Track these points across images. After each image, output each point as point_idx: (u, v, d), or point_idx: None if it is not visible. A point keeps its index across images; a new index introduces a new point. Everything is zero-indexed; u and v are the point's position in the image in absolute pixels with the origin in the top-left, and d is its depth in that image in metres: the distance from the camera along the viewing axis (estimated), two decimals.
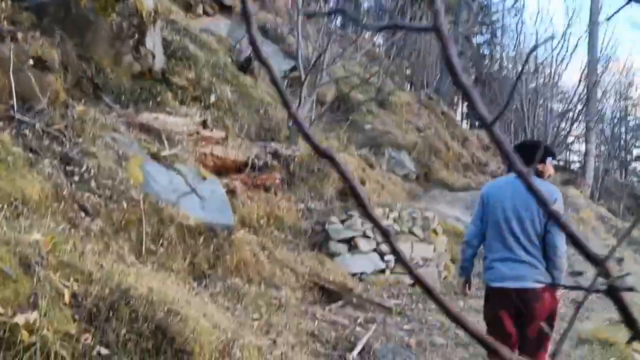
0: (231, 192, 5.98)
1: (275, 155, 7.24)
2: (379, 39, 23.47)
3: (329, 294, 5.25)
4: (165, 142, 5.65)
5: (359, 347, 4.05)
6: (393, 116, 16.07)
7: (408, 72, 22.52)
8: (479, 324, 4.89)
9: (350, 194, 0.47)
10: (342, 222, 6.31)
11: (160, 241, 4.29)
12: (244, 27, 0.47)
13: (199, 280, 4.31)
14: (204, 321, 3.08)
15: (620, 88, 23.31)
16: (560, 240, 3.28)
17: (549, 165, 3.54)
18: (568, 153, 27.59)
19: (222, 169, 6.36)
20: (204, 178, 5.32)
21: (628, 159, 27.67)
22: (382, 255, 6.28)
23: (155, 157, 5.11)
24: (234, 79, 8.94)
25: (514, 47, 16.79)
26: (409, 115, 16.68)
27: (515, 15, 16.23)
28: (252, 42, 0.47)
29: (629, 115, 27.24)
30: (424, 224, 6.68)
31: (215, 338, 3.02)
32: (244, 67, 10.28)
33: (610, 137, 25.60)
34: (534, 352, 3.28)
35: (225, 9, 13.79)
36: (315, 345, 3.95)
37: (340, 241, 6.18)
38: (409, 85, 21.90)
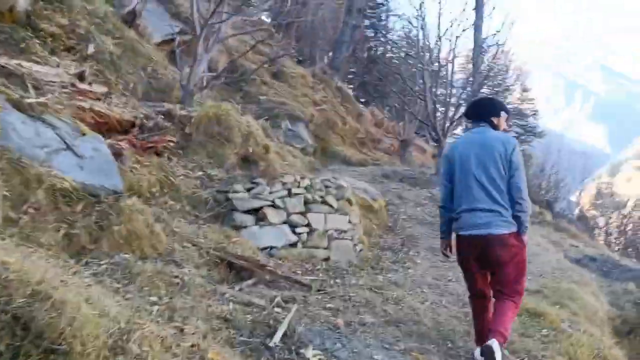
0: (117, 156, 4.99)
1: (168, 116, 6.29)
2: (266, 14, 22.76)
3: (237, 271, 4.51)
4: (32, 90, 4.56)
5: (280, 332, 3.36)
6: (288, 88, 15.39)
7: (299, 47, 21.96)
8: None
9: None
10: (248, 190, 5.55)
11: (24, 207, 3.31)
12: None
13: (77, 257, 3.39)
14: (87, 308, 2.23)
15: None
16: (523, 182, 3.49)
17: (503, 119, 3.75)
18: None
19: (104, 129, 5.32)
20: (84, 134, 4.32)
21: None
22: (293, 227, 5.62)
23: (17, 105, 4.03)
24: (117, 31, 7.76)
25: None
26: (304, 89, 16.10)
27: None
28: None
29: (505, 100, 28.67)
30: (337, 193, 6.10)
31: (103, 330, 2.19)
32: (128, 21, 9.07)
33: None
34: (510, 294, 3.49)
35: None
36: (229, 331, 3.20)
37: (246, 212, 5.43)
38: (301, 61, 21.34)
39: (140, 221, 3.92)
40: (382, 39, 26.12)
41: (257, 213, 5.48)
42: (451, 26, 10.83)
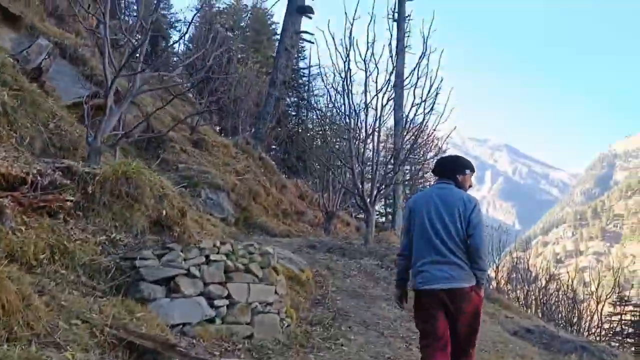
0: None
1: (68, 173, 5.47)
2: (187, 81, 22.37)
3: (140, 354, 3.68)
4: None
5: None
6: (209, 157, 14.78)
7: (221, 117, 21.59)
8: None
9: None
10: (159, 257, 4.78)
11: None
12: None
13: None
14: None
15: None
16: (481, 241, 3.58)
17: (468, 177, 3.93)
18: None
19: None
20: None
21: None
22: (211, 299, 4.86)
23: None
24: (16, 83, 6.95)
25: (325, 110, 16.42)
26: (226, 158, 15.54)
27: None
28: None
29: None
30: (262, 261, 5.41)
31: None
32: (32, 76, 8.28)
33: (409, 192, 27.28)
34: (466, 347, 3.63)
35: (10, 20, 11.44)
36: None
37: (156, 282, 4.63)
38: (224, 131, 20.90)
39: (12, 293, 3.08)
40: (304, 111, 26.31)
41: (168, 283, 4.69)
42: (377, 94, 10.73)
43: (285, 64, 18.37)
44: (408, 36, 16.96)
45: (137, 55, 7.48)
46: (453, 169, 3.89)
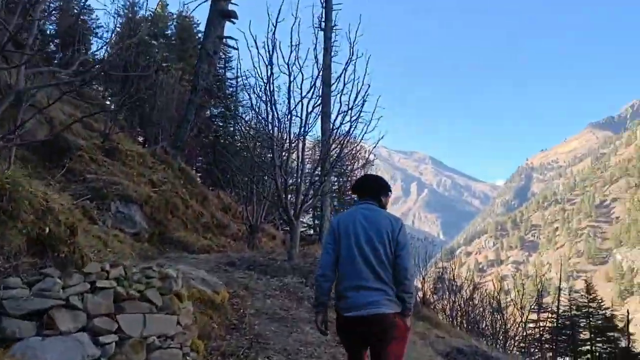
0: None
1: None
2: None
3: None
4: None
5: None
6: (122, 167, 13.67)
7: (138, 124, 20.41)
8: None
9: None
10: (30, 285, 3.93)
11: None
12: None
13: None
14: None
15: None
16: (409, 263, 3.52)
17: (389, 199, 3.92)
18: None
19: None
20: None
21: None
22: (96, 335, 4.04)
23: None
24: None
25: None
26: (141, 168, 14.45)
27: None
28: None
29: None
30: (163, 286, 4.63)
31: None
32: None
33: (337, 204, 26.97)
34: None
35: None
36: None
37: (24, 317, 3.78)
38: (144, 141, 19.72)
39: None
40: (231, 122, 25.46)
41: (41, 318, 3.84)
42: (302, 99, 10.12)
43: (207, 70, 17.49)
44: (334, 45, 16.49)
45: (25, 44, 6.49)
46: (379, 190, 3.85)
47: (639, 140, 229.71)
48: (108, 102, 19.93)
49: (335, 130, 11.05)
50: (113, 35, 15.97)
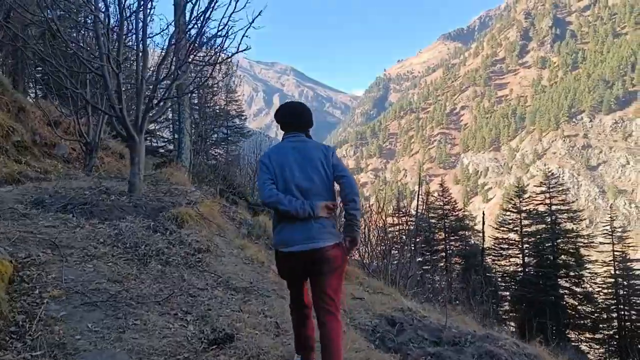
0: None
1: None
2: None
3: None
4: None
5: None
6: None
7: None
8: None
9: None
10: None
11: None
12: None
13: None
14: None
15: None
16: (354, 182, 3.54)
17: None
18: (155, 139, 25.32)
19: None
20: None
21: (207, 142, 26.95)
22: None
23: None
24: None
25: None
26: None
27: None
28: None
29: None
30: None
31: None
32: None
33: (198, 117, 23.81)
34: (332, 309, 3.45)
35: None
36: None
37: None
38: None
39: None
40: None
41: None
42: None
43: None
44: None
45: None
46: (308, 121, 3.75)
47: (485, 51, 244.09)
48: None
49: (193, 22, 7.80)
50: None
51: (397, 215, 25.88)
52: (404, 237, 24.06)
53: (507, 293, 29.04)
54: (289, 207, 3.40)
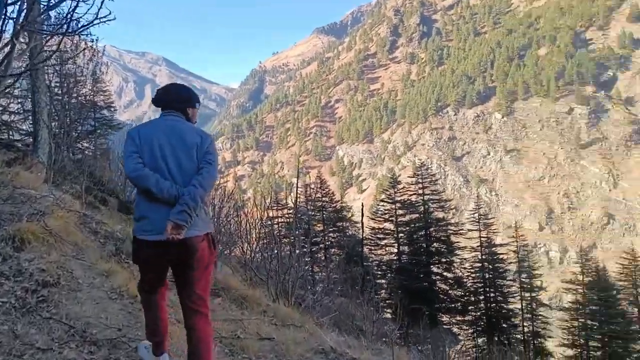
0: None
1: None
2: None
3: None
4: None
5: None
6: None
7: None
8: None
9: None
10: None
11: None
12: None
13: None
14: None
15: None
16: (213, 178, 3.29)
17: (196, 111, 3.55)
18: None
19: None
20: None
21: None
22: None
23: None
24: None
25: None
26: None
27: None
28: None
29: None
30: None
31: None
32: None
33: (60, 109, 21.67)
34: (200, 308, 3.19)
35: None
36: None
37: None
38: None
39: None
40: None
41: None
42: None
43: None
44: None
45: None
46: (186, 100, 3.46)
47: (358, 46, 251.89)
48: None
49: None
50: None
51: (276, 208, 25.57)
52: (284, 230, 23.68)
53: (384, 281, 29.89)
54: (154, 187, 3.12)
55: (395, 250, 30.71)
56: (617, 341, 28.72)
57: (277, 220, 22.89)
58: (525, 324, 30.35)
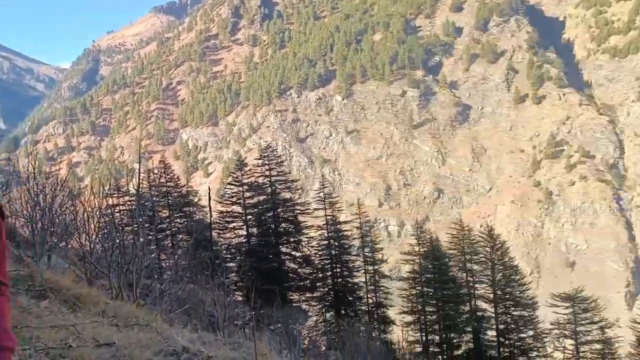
0: None
1: None
2: None
3: None
4: None
5: None
6: None
7: None
8: None
9: None
10: None
11: None
12: None
13: None
14: None
15: None
16: None
17: None
18: None
19: None
20: None
21: None
22: None
23: None
24: None
25: None
26: None
27: None
28: None
29: None
30: None
31: None
32: None
33: None
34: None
35: None
36: None
37: None
38: None
39: None
40: None
41: None
42: None
43: None
44: None
45: None
46: None
47: (199, 27, 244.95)
48: None
49: None
50: None
51: (117, 195, 24.02)
52: (127, 218, 22.32)
53: (234, 264, 29.71)
54: None
55: (245, 233, 30.59)
56: (450, 304, 31.60)
57: (118, 208, 21.50)
58: (369, 295, 32.10)
